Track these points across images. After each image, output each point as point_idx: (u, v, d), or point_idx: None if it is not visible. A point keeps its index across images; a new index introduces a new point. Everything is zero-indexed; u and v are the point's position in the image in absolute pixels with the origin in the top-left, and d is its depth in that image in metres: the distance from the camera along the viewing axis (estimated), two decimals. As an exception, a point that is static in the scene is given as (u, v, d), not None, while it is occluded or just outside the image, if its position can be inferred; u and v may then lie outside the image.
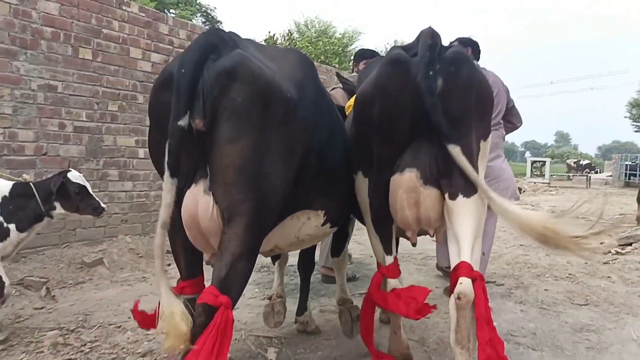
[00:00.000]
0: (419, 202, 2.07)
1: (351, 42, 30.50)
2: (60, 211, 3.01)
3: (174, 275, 4.55)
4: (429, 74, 1.92)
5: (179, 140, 1.67)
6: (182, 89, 1.66)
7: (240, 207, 1.74)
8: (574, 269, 5.09)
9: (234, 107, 1.71)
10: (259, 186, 1.77)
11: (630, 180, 25.78)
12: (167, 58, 5.53)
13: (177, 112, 1.66)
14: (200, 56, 1.71)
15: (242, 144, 1.72)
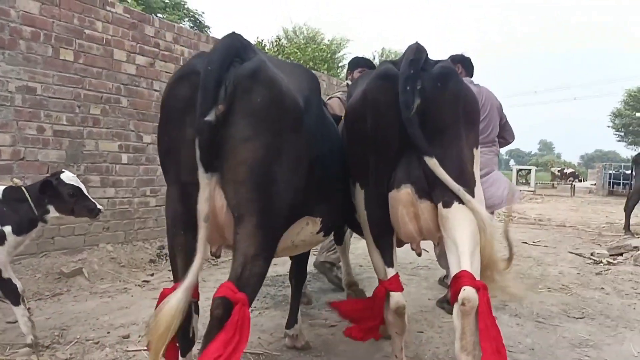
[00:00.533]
0: (418, 216, 2.13)
1: (339, 49, 30.50)
2: (54, 214, 2.91)
3: (157, 286, 4.39)
4: (406, 89, 1.99)
5: (209, 135, 1.72)
6: (208, 85, 1.72)
7: (249, 207, 1.79)
8: (566, 279, 5.01)
9: (252, 107, 1.79)
10: (268, 188, 1.84)
11: (613, 188, 26.08)
12: (152, 61, 5.37)
13: (204, 108, 1.71)
14: (227, 57, 1.79)
15: (256, 143, 1.80)
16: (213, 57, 1.78)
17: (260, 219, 1.81)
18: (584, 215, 13.67)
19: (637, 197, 9.29)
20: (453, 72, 2.21)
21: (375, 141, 2.15)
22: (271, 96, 1.84)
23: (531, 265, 5.65)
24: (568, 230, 9.56)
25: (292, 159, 1.93)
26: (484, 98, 4.08)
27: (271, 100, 1.83)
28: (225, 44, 1.84)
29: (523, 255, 6.25)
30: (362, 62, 4.24)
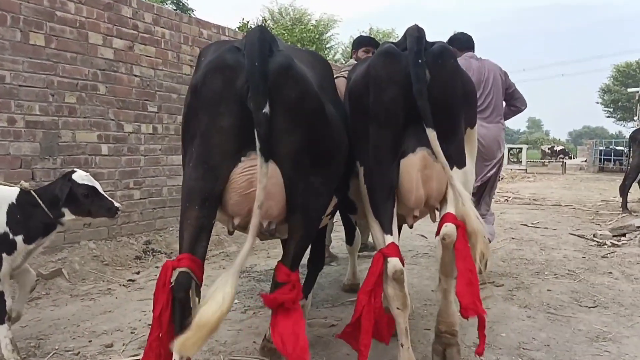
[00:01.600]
0: (432, 177, 2.25)
1: (327, 29, 29.99)
2: (70, 217, 2.78)
3: (143, 285, 4.13)
4: (419, 62, 2.11)
5: (267, 126, 1.84)
6: (258, 81, 1.82)
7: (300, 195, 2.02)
8: (572, 264, 4.82)
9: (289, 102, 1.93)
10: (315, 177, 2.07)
11: (604, 165, 26.12)
12: (131, 44, 5.02)
13: (258, 102, 1.82)
14: (265, 51, 1.88)
15: (297, 135, 1.97)
16: (253, 52, 1.86)
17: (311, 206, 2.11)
18: (577, 193, 13.60)
19: (634, 175, 9.14)
20: (450, 51, 2.34)
21: (381, 114, 2.23)
22: (302, 89, 1.97)
23: (534, 250, 5.45)
24: (565, 210, 9.42)
25: (328, 146, 2.14)
26: (486, 72, 4.05)
27: (302, 93, 1.97)
28: (260, 37, 1.91)
29: (524, 239, 6.06)
30: (366, 41, 4.17)
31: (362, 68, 2.40)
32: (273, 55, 1.92)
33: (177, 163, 5.47)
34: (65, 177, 2.78)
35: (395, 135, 2.23)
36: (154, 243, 4.98)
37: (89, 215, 2.87)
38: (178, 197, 5.49)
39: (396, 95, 2.17)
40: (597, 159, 26.10)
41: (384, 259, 2.21)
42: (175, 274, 1.91)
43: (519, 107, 4.39)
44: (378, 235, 2.33)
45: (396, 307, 2.26)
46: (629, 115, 39.45)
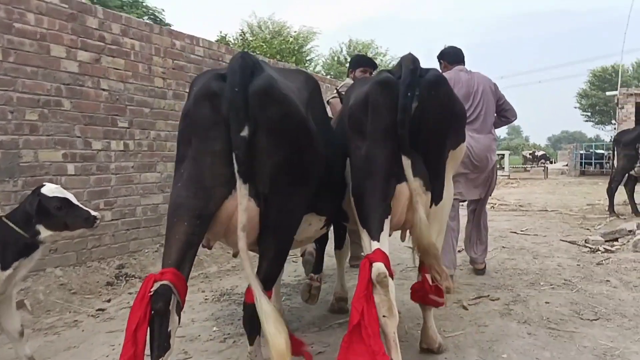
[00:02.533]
0: (419, 206, 2.35)
1: (306, 42, 29.95)
2: (46, 233, 2.64)
3: (113, 315, 3.81)
4: (407, 95, 2.25)
5: (245, 149, 1.92)
6: (238, 105, 1.91)
7: (276, 218, 2.08)
8: (567, 273, 4.64)
9: (270, 123, 2.00)
10: (290, 198, 2.12)
11: (585, 169, 26.38)
12: (97, 56, 4.74)
13: (238, 125, 1.91)
14: (246, 77, 1.97)
15: (278, 158, 2.03)
16: (235, 78, 1.95)
17: (285, 228, 2.18)
18: (562, 197, 13.59)
19: (620, 178, 9.08)
20: (444, 80, 2.49)
21: (375, 137, 2.37)
22: (284, 110, 2.05)
23: (527, 259, 5.26)
24: (552, 215, 9.31)
25: (307, 167, 2.18)
26: (475, 84, 4.12)
27: (284, 114, 2.04)
28: (241, 64, 1.99)
29: (516, 247, 5.88)
30: (364, 61, 4.23)
31: (362, 92, 2.50)
32: (255, 79, 2.00)
33: (151, 181, 5.18)
34: (34, 192, 2.65)
35: (388, 155, 2.35)
36: (127, 267, 4.66)
37: (66, 229, 2.73)
38: (153, 216, 5.20)
39: (391, 121, 2.31)
40: (578, 162, 26.35)
41: (370, 264, 2.23)
42: (156, 286, 1.88)
43: (509, 118, 4.49)
44: (366, 243, 2.42)
45: (382, 315, 2.18)
46: (607, 118, 40.11)
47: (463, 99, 3.77)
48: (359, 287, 2.18)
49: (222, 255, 5.48)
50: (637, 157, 8.75)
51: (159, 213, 5.25)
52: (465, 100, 3.88)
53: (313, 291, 3.48)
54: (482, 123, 4.12)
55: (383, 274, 2.17)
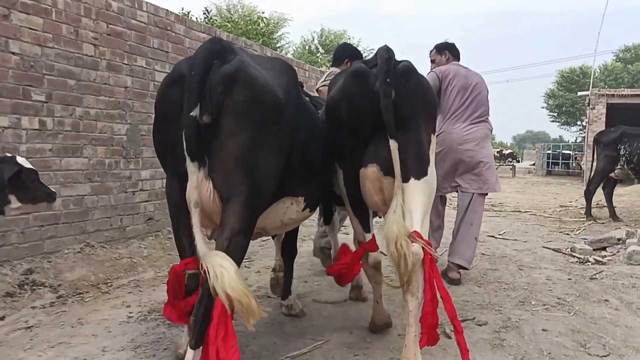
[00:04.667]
0: (383, 189, 2.52)
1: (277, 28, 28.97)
2: (16, 205, 2.72)
3: (2, 339, 2.97)
4: (386, 81, 2.37)
5: (193, 129, 1.94)
6: (192, 86, 1.95)
7: (237, 190, 2.06)
8: (559, 289, 4.04)
9: (235, 106, 2.03)
10: (253, 174, 2.10)
11: (551, 169, 26.49)
12: (6, 12, 3.79)
13: (189, 105, 1.94)
14: (207, 61, 2.01)
15: (241, 137, 2.05)
16: (195, 61, 2.00)
17: (245, 200, 2.07)
18: (532, 197, 13.33)
19: (598, 180, 8.66)
20: (413, 69, 2.58)
21: (350, 128, 2.53)
22: (251, 94, 2.07)
23: (511, 270, 4.65)
24: (526, 217, 8.86)
25: (274, 148, 2.19)
26: (471, 78, 4.26)
27: (252, 98, 2.07)
28: (206, 48, 2.05)
29: (497, 255, 5.27)
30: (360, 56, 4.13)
31: (338, 83, 2.66)
32: (223, 64, 2.03)
33: (75, 167, 4.30)
34: (9, 162, 2.66)
35: (365, 144, 2.50)
36: (37, 272, 3.79)
37: (31, 202, 2.81)
38: (77, 210, 4.33)
39: (365, 109, 2.44)
40: (545, 162, 26.42)
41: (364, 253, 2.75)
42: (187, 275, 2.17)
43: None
44: (358, 231, 2.76)
45: (374, 282, 2.93)
46: (573, 119, 40.66)
47: (461, 89, 4.14)
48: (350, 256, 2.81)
49: (161, 258, 4.66)
50: (619, 159, 8.34)
51: (84, 206, 4.38)
52: (464, 91, 4.14)
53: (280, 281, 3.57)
54: (479, 112, 4.21)
55: (379, 262, 2.74)
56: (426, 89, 2.65)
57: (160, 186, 5.20)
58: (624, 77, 35.70)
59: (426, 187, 2.48)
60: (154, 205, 5.13)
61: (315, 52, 31.72)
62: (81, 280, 3.85)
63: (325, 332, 3.04)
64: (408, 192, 2.41)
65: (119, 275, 4.14)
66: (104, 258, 4.31)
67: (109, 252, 4.44)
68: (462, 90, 4.12)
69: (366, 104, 2.42)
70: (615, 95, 17.70)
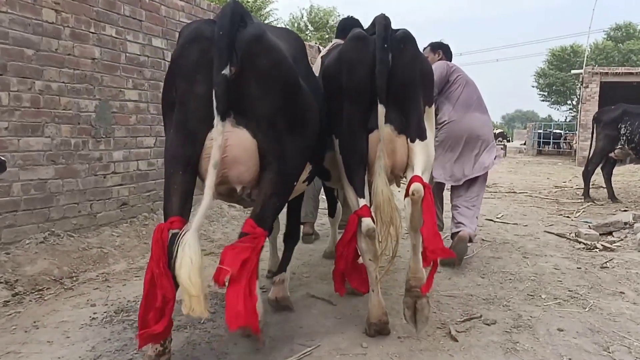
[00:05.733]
0: (395, 150, 2.56)
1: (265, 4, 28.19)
2: None
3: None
4: (384, 47, 2.41)
5: (225, 86, 1.96)
6: (222, 46, 1.98)
7: (274, 153, 2.16)
8: (569, 280, 3.72)
9: (261, 69, 2.10)
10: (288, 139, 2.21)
11: (542, 148, 26.31)
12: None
13: (220, 64, 1.96)
14: (234, 22, 2.04)
15: (270, 101, 2.13)
16: (223, 22, 2.02)
17: (280, 166, 2.19)
18: (525, 177, 13.12)
19: (598, 160, 8.36)
20: (411, 36, 2.60)
21: (350, 93, 2.53)
22: (273, 58, 2.14)
23: (515, 258, 4.33)
24: (522, 198, 8.57)
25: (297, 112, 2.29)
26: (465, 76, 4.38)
27: (273, 62, 2.14)
28: (231, 10, 2.05)
29: (497, 241, 4.94)
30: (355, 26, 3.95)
31: (336, 51, 2.72)
32: (246, 26, 2.09)
33: (36, 148, 3.84)
34: None
35: (364, 110, 2.52)
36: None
37: None
38: (39, 196, 3.89)
39: (365, 74, 2.47)
40: (536, 142, 26.22)
41: (359, 219, 2.50)
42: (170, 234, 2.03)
43: None
44: (353, 199, 2.61)
45: (368, 259, 2.60)
46: (563, 99, 40.48)
47: (466, 82, 4.30)
48: (344, 235, 2.57)
49: (135, 247, 4.26)
50: (619, 138, 8.03)
51: (47, 191, 3.93)
52: (468, 85, 4.30)
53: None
54: (482, 105, 4.37)
55: (372, 229, 2.46)
56: (423, 59, 2.78)
57: (135, 168, 4.76)
58: (615, 55, 35.43)
59: (427, 149, 2.63)
60: (129, 189, 4.70)
61: (304, 30, 30.98)
62: (42, 275, 3.44)
63: (316, 336, 2.68)
64: (414, 151, 2.56)
65: (87, 268, 3.73)
66: (70, 248, 3.90)
67: (77, 241, 4.02)
68: (466, 83, 4.31)
69: (366, 69, 2.45)
70: (609, 74, 17.42)
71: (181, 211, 2.08)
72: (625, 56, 34.82)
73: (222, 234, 4.97)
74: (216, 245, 4.52)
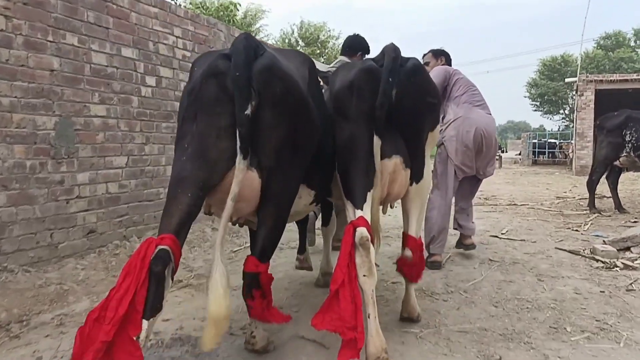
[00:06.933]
0: (397, 181, 2.62)
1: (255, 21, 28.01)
2: None
3: None
4: (388, 80, 2.43)
5: (248, 127, 2.05)
6: (242, 85, 2.05)
7: (275, 191, 2.24)
8: (594, 306, 3.27)
9: (274, 99, 2.15)
10: (291, 171, 2.28)
11: (537, 158, 26.05)
12: None
13: (242, 104, 2.04)
14: (249, 58, 2.11)
15: (281, 132, 2.19)
16: (238, 60, 2.08)
17: (282, 197, 2.30)
18: (524, 188, 12.74)
19: (602, 169, 7.96)
20: (421, 67, 2.76)
21: (359, 119, 2.51)
22: (286, 87, 2.19)
23: (529, 281, 3.87)
24: (524, 211, 8.15)
25: (307, 140, 2.35)
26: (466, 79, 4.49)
27: (287, 90, 2.19)
28: (245, 45, 2.12)
29: (507, 261, 4.48)
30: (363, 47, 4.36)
31: (347, 78, 2.62)
32: (258, 58, 2.15)
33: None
34: None
35: (370, 135, 2.46)
36: None
37: None
38: None
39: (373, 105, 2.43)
40: (531, 152, 25.98)
41: (354, 229, 2.38)
42: (157, 250, 1.98)
43: None
44: (351, 213, 2.54)
45: (362, 275, 2.35)
46: (555, 108, 40.41)
47: (467, 85, 4.40)
48: (343, 250, 2.32)
49: (102, 281, 3.75)
50: (624, 145, 7.65)
51: (-2, 221, 3.46)
52: (468, 87, 4.40)
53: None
54: (485, 105, 4.45)
55: (366, 237, 2.34)
56: (432, 87, 2.83)
57: (103, 191, 4.29)
58: (606, 64, 35.46)
59: (421, 191, 2.80)
60: (96, 215, 4.21)
61: (295, 45, 30.78)
62: (-15, 320, 2.94)
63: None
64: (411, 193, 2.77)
65: (41, 309, 3.22)
66: (24, 286, 3.40)
67: (33, 277, 3.53)
68: (467, 85, 4.40)
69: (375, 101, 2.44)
70: (603, 81, 17.18)
71: (178, 231, 2.07)
72: (616, 64, 34.84)
73: (203, 262, 4.48)
74: (195, 275, 4.03)
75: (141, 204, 4.69)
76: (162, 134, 4.98)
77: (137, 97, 4.65)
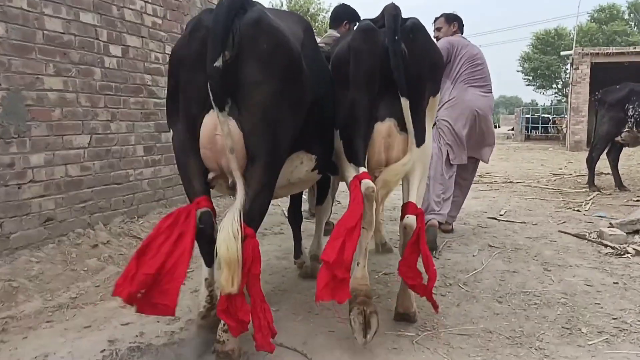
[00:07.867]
0: (393, 146, 2.51)
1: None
2: None
3: None
4: (395, 39, 2.35)
5: (219, 79, 1.96)
6: (216, 37, 1.97)
7: (261, 146, 2.10)
8: (608, 301, 2.94)
9: (259, 53, 2.06)
10: (276, 129, 2.15)
11: (530, 133, 25.77)
12: None
13: (212, 56, 1.95)
14: (231, 10, 2.02)
15: (266, 87, 2.08)
16: (219, 11, 2.00)
17: (268, 158, 2.15)
18: (518, 164, 12.51)
19: (603, 146, 7.63)
20: (421, 26, 2.59)
21: (358, 82, 2.44)
22: (274, 42, 2.10)
23: (534, 271, 3.52)
24: (521, 189, 7.84)
25: (295, 100, 2.22)
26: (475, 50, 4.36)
27: (275, 46, 2.10)
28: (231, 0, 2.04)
29: (508, 247, 4.12)
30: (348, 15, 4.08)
31: (344, 42, 2.62)
32: (247, 12, 2.07)
33: None
34: None
35: (371, 99, 2.43)
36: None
37: None
38: None
39: (373, 66, 2.41)
40: (524, 127, 25.67)
41: (359, 182, 2.36)
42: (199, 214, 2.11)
43: None
44: (353, 172, 2.47)
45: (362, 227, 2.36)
46: (548, 82, 39.99)
47: (469, 59, 4.25)
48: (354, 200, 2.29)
49: (59, 277, 3.34)
50: (626, 120, 7.29)
51: None
52: (471, 61, 4.25)
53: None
54: (487, 85, 4.32)
55: (372, 188, 2.35)
56: (434, 48, 2.71)
57: (62, 174, 3.83)
58: (599, 37, 34.97)
59: (423, 155, 2.61)
60: (55, 201, 3.77)
61: (283, 18, 29.95)
62: None
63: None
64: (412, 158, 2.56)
65: (-11, 311, 2.82)
66: (-34, 284, 2.99)
67: (-22, 273, 3.11)
68: (470, 60, 4.25)
69: (374, 61, 2.41)
70: (600, 54, 16.76)
71: (205, 191, 2.18)
72: (610, 37, 34.34)
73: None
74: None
75: (108, 188, 4.24)
76: (130, 110, 4.51)
77: (100, 68, 4.15)
